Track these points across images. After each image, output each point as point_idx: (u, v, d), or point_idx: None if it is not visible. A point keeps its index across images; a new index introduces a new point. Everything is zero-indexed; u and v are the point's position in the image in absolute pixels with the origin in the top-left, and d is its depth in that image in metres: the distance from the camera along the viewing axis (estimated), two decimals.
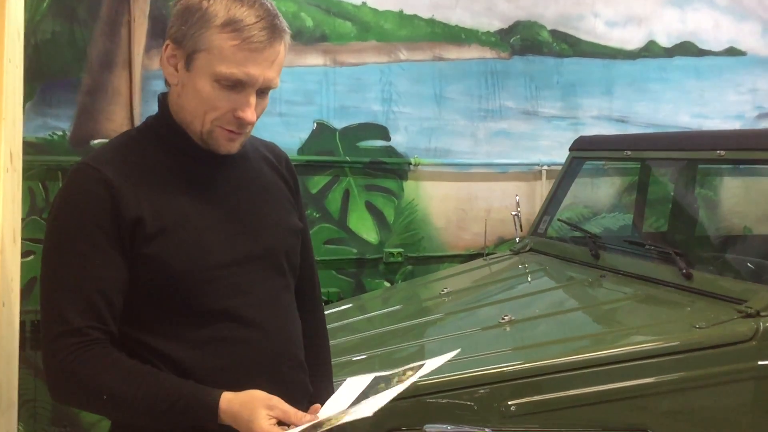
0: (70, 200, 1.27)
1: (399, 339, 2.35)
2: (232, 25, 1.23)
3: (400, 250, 4.04)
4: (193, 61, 1.27)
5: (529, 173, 4.26)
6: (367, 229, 3.99)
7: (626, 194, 4.33)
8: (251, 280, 1.35)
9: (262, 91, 1.31)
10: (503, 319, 2.36)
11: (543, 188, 4.24)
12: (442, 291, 2.88)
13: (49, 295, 1.25)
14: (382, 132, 3.98)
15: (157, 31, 3.53)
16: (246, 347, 1.31)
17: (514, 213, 3.70)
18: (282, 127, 3.77)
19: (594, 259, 2.91)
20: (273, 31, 1.27)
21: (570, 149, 3.52)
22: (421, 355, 2.12)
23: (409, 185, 4.05)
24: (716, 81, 4.59)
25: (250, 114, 1.28)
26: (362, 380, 1.33)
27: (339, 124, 3.90)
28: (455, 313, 2.60)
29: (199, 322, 1.29)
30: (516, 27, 4.19)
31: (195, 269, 1.29)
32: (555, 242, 3.32)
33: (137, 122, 3.51)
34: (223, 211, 1.35)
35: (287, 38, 1.32)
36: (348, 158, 3.90)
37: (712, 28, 4.55)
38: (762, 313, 2.07)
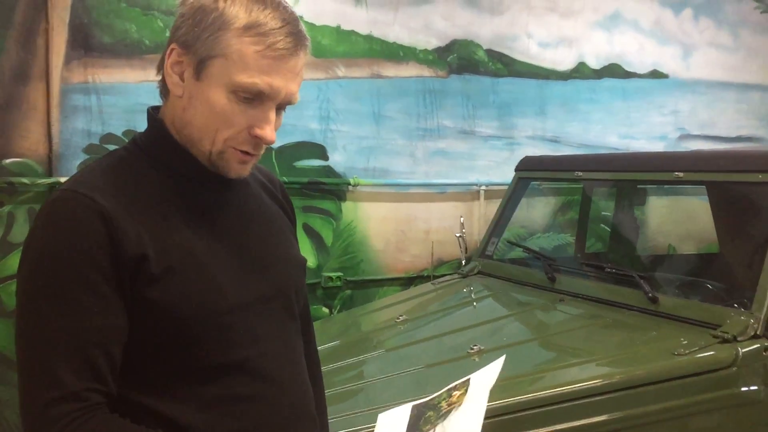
0: (58, 235, 1.04)
1: (370, 370, 2.19)
2: (255, 29, 1.07)
3: (339, 274, 3.88)
4: (205, 69, 1.09)
5: (467, 193, 4.21)
6: (304, 253, 3.74)
7: (561, 214, 4.35)
8: (265, 326, 1.17)
9: (280, 107, 1.15)
10: (472, 349, 2.26)
11: (481, 208, 4.20)
12: (398, 318, 2.75)
13: (35, 353, 1.01)
14: (320, 151, 3.83)
15: (78, 40, 3.24)
16: (262, 405, 1.13)
17: (458, 234, 3.64)
18: None
19: (550, 282, 2.86)
20: (298, 37, 1.11)
21: (516, 169, 3.48)
22: (400, 389, 1.98)
23: (347, 206, 3.91)
24: (641, 102, 4.71)
25: (269, 132, 1.12)
26: (399, 413, 1.19)
27: (275, 143, 3.70)
28: (418, 343, 2.47)
29: (210, 378, 1.09)
30: (453, 45, 4.15)
31: (206, 315, 1.09)
32: (504, 264, 3.26)
33: (55, 139, 3.21)
34: (231, 245, 1.16)
35: (309, 48, 1.15)
36: (285, 178, 3.72)
37: (637, 51, 4.67)
38: (739, 338, 2.05)
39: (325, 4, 3.77)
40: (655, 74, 4.74)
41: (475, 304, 2.93)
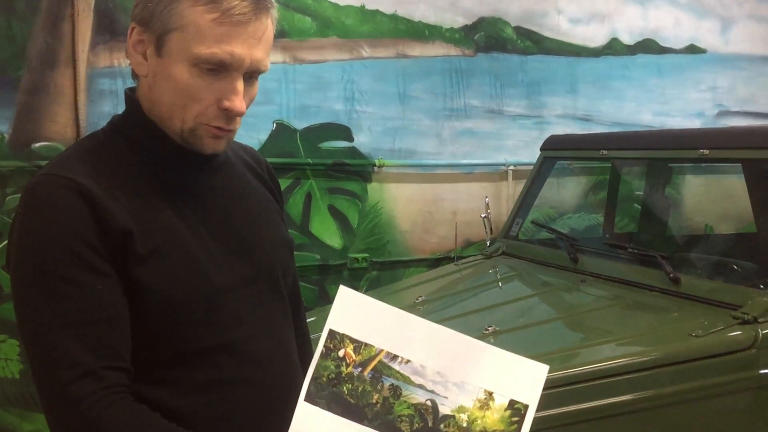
0: (44, 218, 1.02)
1: None
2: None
3: (365, 255, 3.88)
4: (164, 44, 1.07)
5: (495, 174, 4.16)
6: (330, 234, 3.82)
7: (593, 194, 4.27)
8: (251, 307, 1.16)
9: (251, 76, 1.12)
10: (487, 330, 2.23)
11: (509, 189, 4.15)
12: (417, 299, 2.74)
13: (46, 337, 0.99)
14: (345, 132, 3.82)
15: (104, 25, 3.29)
16: (250, 387, 1.12)
17: (483, 215, 3.59)
18: (240, 128, 3.55)
19: (572, 262, 2.81)
20: (258, 1, 1.08)
21: (541, 149, 3.42)
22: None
23: (373, 188, 3.90)
24: (677, 79, 4.57)
25: (238, 103, 1.09)
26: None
27: (300, 124, 3.71)
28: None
29: (197, 362, 1.09)
30: (480, 23, 4.08)
31: (191, 297, 1.08)
32: (528, 245, 3.21)
33: (83, 123, 3.27)
34: (215, 225, 1.15)
35: (274, 12, 1.13)
36: (310, 160, 3.73)
37: (672, 26, 4.53)
38: (760, 320, 1.99)
39: None
40: (692, 49, 4.60)
41: (495, 284, 2.89)
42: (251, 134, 3.61)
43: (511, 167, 4.13)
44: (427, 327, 1.08)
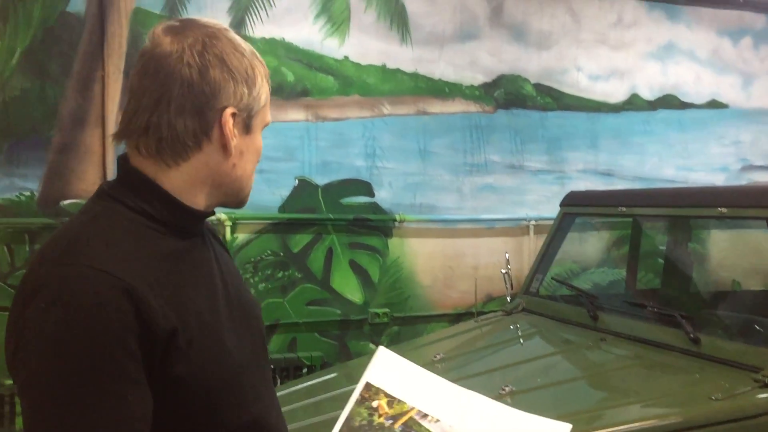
0: (85, 320, 0.94)
1: None
2: (267, 73, 1.17)
3: (386, 310, 3.88)
4: (252, 122, 1.14)
5: (516, 228, 4.16)
6: (351, 289, 3.83)
7: (615, 249, 4.24)
8: (261, 379, 1.18)
9: None
10: (503, 390, 2.20)
11: (531, 243, 4.14)
12: (435, 357, 2.72)
13: None
14: (366, 188, 3.87)
15: None
16: None
17: (503, 270, 3.58)
18: (262, 185, 3.63)
19: (592, 320, 2.78)
20: None
21: (561, 204, 3.41)
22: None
23: (394, 242, 3.92)
24: (700, 133, 4.57)
25: None
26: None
27: (321, 180, 3.77)
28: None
29: None
30: (500, 81, 4.15)
31: (224, 380, 1.07)
32: (548, 302, 3.18)
33: None
34: (222, 298, 1.15)
35: None
36: (331, 215, 3.77)
37: (693, 81, 4.56)
38: None
39: (371, 43, 3.85)
40: (714, 104, 4.61)
41: (514, 342, 2.87)
42: (273, 190, 3.67)
43: (533, 222, 4.14)
44: (456, 390, 1.17)
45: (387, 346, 3.91)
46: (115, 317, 0.94)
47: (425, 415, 1.12)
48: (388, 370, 1.19)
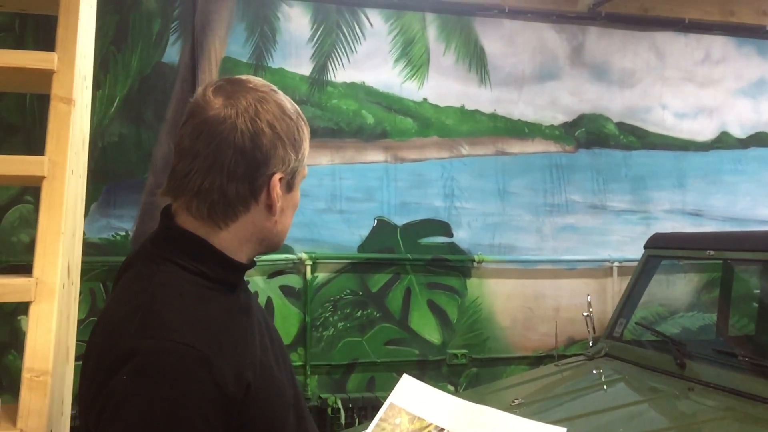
0: (166, 390, 0.99)
1: None
2: (308, 129, 1.21)
3: (464, 351, 3.85)
4: (294, 180, 1.18)
5: (599, 270, 4.07)
6: (429, 329, 3.83)
7: (704, 293, 4.08)
8: (304, 411, 1.24)
9: None
10: None
11: (614, 285, 4.03)
12: (514, 402, 2.67)
13: None
14: (444, 228, 3.87)
15: None
16: None
17: (585, 314, 3.50)
18: (342, 224, 3.70)
19: (679, 368, 2.67)
20: None
21: (645, 246, 3.32)
22: None
23: (472, 283, 3.90)
24: None
25: None
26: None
27: (400, 220, 3.81)
28: None
29: None
30: (581, 120, 4.10)
31: (281, 417, 1.13)
32: (633, 347, 3.08)
33: None
34: (268, 341, 1.21)
35: None
36: (409, 255, 3.79)
37: None
38: None
39: (450, 85, 3.89)
40: None
41: (597, 389, 2.78)
42: (353, 230, 3.73)
43: (616, 263, 4.03)
44: (472, 407, 1.25)
45: (465, 389, 3.89)
46: (197, 388, 0.99)
47: (442, 429, 1.21)
48: (411, 393, 1.29)
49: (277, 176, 1.12)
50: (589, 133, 4.10)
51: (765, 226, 4.25)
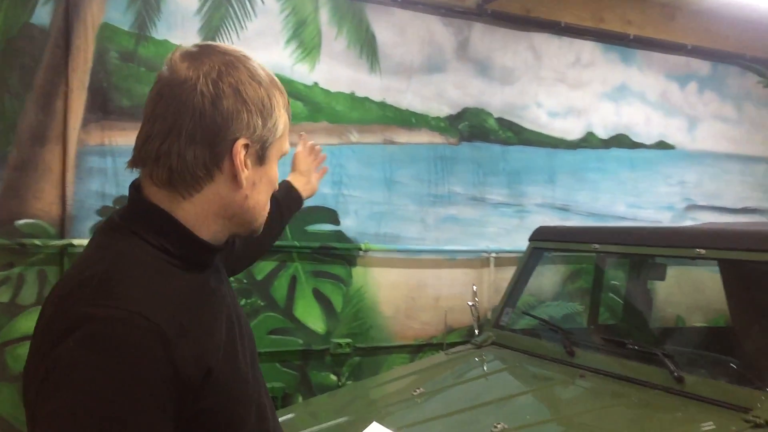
0: (115, 363, 0.92)
1: None
2: (287, 101, 1.15)
3: (348, 340, 3.82)
4: (267, 152, 1.11)
5: (477, 260, 4.19)
6: (314, 318, 3.76)
7: (570, 283, 4.33)
8: (267, 398, 1.20)
9: None
10: (495, 427, 2.20)
11: (491, 276, 4.18)
12: (415, 392, 2.68)
13: None
14: (332, 216, 3.82)
15: (97, 103, 3.26)
16: None
17: (470, 303, 3.60)
18: None
19: (569, 356, 2.81)
20: None
21: (530, 239, 3.46)
22: None
23: (357, 271, 3.88)
24: (648, 173, 4.75)
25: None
26: None
27: None
28: (438, 419, 2.40)
29: None
30: (464, 113, 4.19)
31: (244, 404, 1.09)
32: (520, 336, 3.20)
33: (69, 201, 3.19)
34: (236, 327, 1.14)
35: None
36: (296, 243, 3.70)
37: (643, 122, 4.74)
38: None
39: (341, 71, 3.82)
40: (662, 145, 4.80)
41: (494, 377, 2.86)
42: None
43: (493, 254, 4.18)
44: None
45: (349, 379, 3.87)
46: (148, 364, 0.93)
47: None
48: None
49: (240, 142, 1.06)
50: (471, 127, 4.20)
51: (621, 221, 4.58)
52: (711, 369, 2.43)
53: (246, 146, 1.08)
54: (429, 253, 4.05)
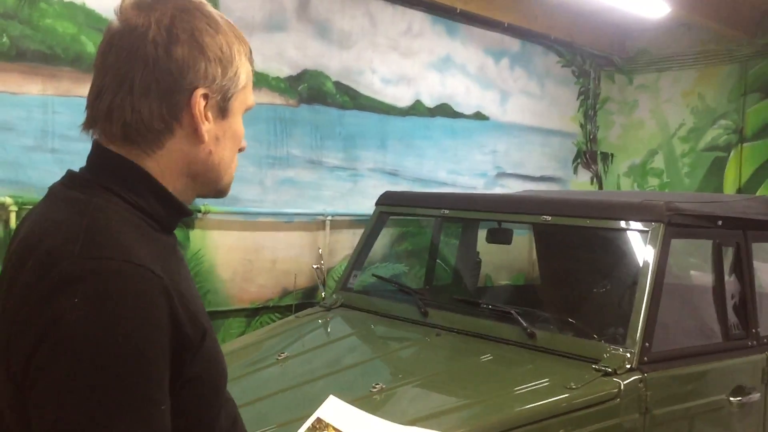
0: (126, 317, 0.87)
1: (275, 414, 2.11)
2: (249, 51, 1.10)
3: None
4: (230, 105, 1.06)
5: (313, 223, 4.22)
6: None
7: (397, 245, 4.52)
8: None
9: None
10: (374, 388, 2.28)
11: (326, 238, 4.22)
12: (280, 356, 2.68)
13: None
14: None
15: None
16: None
17: (316, 266, 3.65)
18: (54, 166, 3.19)
19: (422, 316, 2.96)
20: None
21: (376, 203, 3.56)
22: None
23: (195, 234, 3.72)
24: (467, 141, 5.06)
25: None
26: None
27: None
28: (312, 382, 2.43)
29: None
30: (304, 75, 4.15)
31: (224, 374, 1.07)
32: (369, 298, 3.31)
33: None
34: (195, 290, 1.11)
35: None
36: None
37: (464, 93, 5.02)
38: (618, 372, 2.30)
39: None
40: (478, 116, 5.13)
41: (355, 339, 2.94)
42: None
43: (329, 218, 4.22)
44: (391, 426, 1.48)
45: None
46: (158, 319, 0.89)
47: None
48: (337, 411, 1.43)
49: (199, 92, 1.02)
50: (310, 89, 4.18)
51: (443, 187, 4.85)
52: (559, 325, 2.71)
53: (205, 96, 1.02)
54: (268, 216, 3.99)
